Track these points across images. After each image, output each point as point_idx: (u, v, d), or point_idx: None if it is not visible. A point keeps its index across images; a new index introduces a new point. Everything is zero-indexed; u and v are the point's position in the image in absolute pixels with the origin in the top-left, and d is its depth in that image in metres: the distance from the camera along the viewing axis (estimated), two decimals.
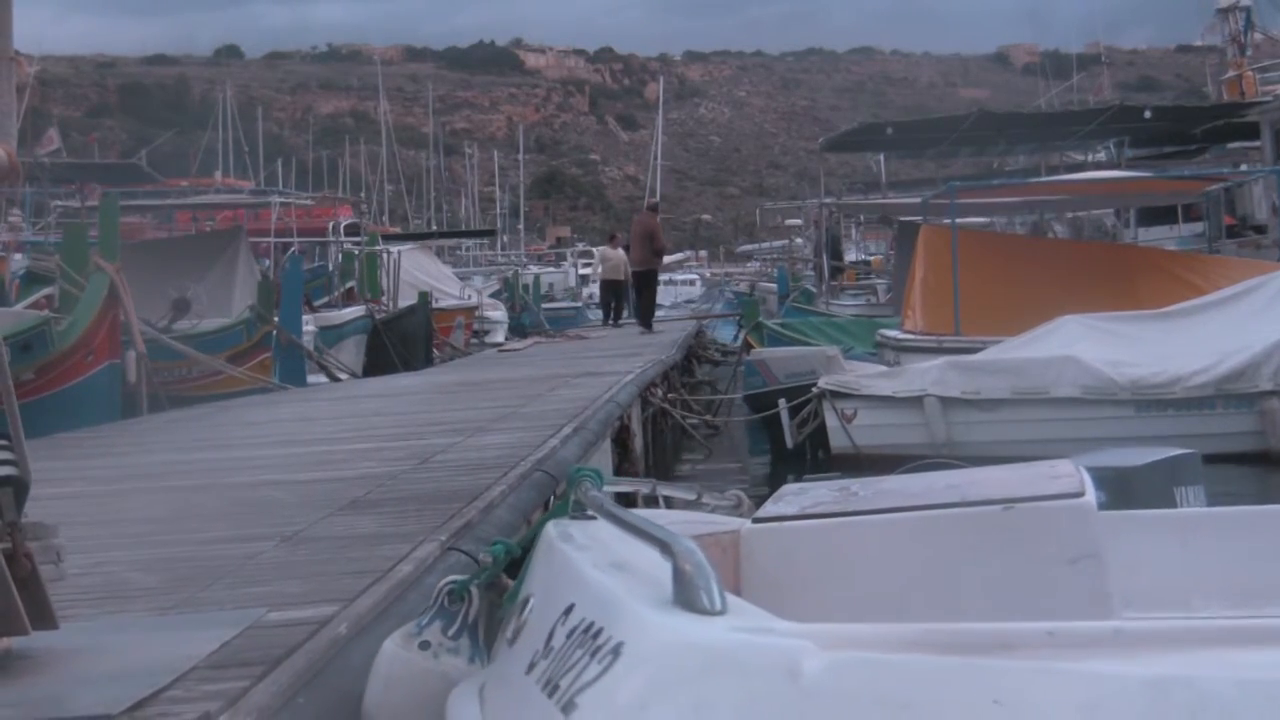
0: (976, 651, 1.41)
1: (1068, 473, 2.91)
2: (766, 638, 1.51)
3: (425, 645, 2.51)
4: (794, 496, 3.05)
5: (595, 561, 1.96)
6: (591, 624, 1.72)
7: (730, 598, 1.64)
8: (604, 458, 7.79)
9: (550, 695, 1.70)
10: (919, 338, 13.90)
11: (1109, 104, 26.08)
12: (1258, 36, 30.83)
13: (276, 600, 3.39)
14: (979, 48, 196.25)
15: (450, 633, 2.52)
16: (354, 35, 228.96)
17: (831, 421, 11.91)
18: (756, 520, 2.89)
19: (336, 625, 3.05)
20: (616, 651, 1.60)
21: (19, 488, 2.82)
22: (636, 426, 10.62)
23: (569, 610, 1.84)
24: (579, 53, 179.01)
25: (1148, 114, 22.14)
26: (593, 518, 2.34)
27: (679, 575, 1.64)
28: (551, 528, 2.36)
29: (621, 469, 9.21)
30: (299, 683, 2.67)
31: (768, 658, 1.46)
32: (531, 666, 1.85)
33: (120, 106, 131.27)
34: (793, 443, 12.31)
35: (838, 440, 11.88)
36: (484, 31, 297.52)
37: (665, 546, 1.71)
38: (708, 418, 14.99)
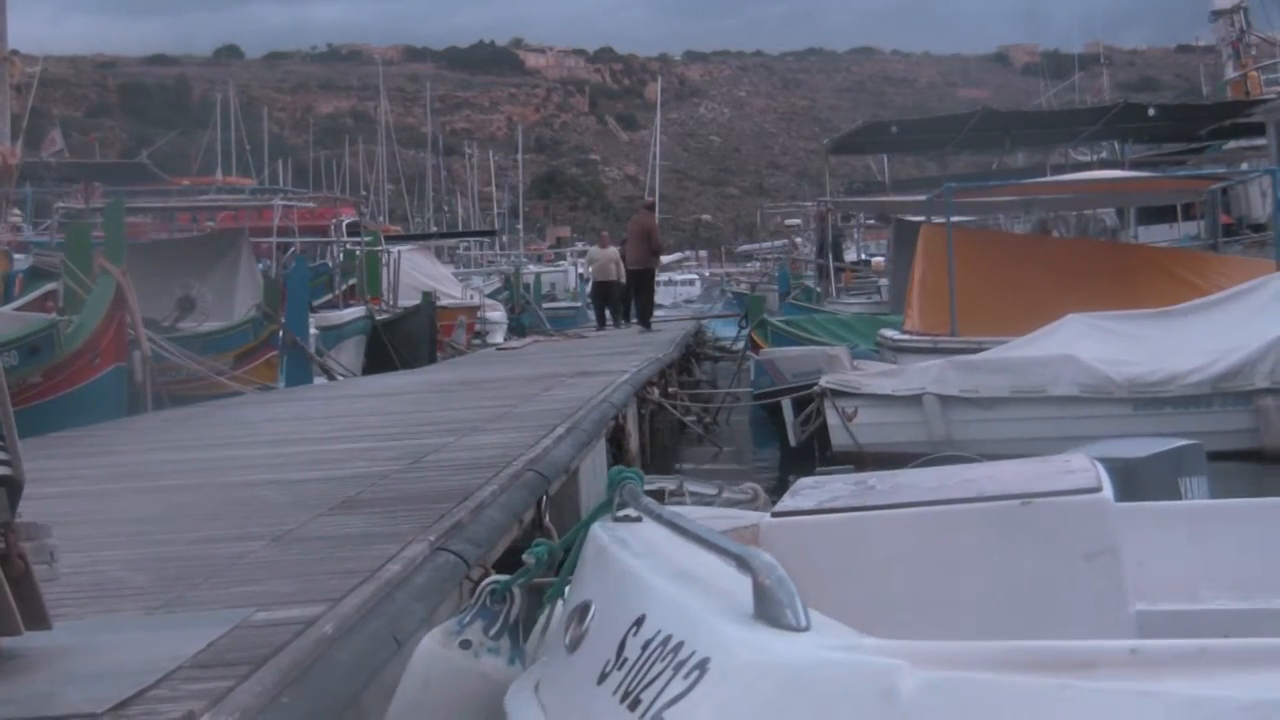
0: (1064, 670, 1.37)
1: (1083, 467, 2.90)
2: (859, 655, 1.48)
3: (466, 644, 2.50)
4: (811, 490, 3.03)
5: (659, 570, 1.94)
6: (669, 637, 1.71)
7: (813, 613, 1.61)
8: (599, 457, 7.80)
9: (632, 709, 1.68)
10: (915, 338, 13.91)
11: (1113, 103, 26.02)
12: (1254, 37, 30.76)
13: (265, 600, 3.41)
14: (979, 48, 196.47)
15: (491, 633, 2.50)
16: (354, 35, 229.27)
17: (833, 420, 11.95)
18: (775, 515, 2.88)
19: (322, 625, 3.07)
20: (702, 667, 1.58)
21: (12, 488, 2.83)
22: (632, 426, 10.63)
23: (640, 621, 1.82)
24: (579, 53, 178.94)
25: (1152, 112, 22.08)
26: (635, 519, 2.30)
27: (760, 590, 1.62)
28: (599, 531, 2.31)
29: None
30: (284, 682, 2.69)
31: (862, 677, 1.43)
32: (604, 677, 1.83)
33: (120, 106, 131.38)
34: (796, 440, 12.35)
35: (839, 438, 11.92)
36: (484, 31, 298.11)
37: (742, 562, 1.69)
38: (707, 420, 14.99)
